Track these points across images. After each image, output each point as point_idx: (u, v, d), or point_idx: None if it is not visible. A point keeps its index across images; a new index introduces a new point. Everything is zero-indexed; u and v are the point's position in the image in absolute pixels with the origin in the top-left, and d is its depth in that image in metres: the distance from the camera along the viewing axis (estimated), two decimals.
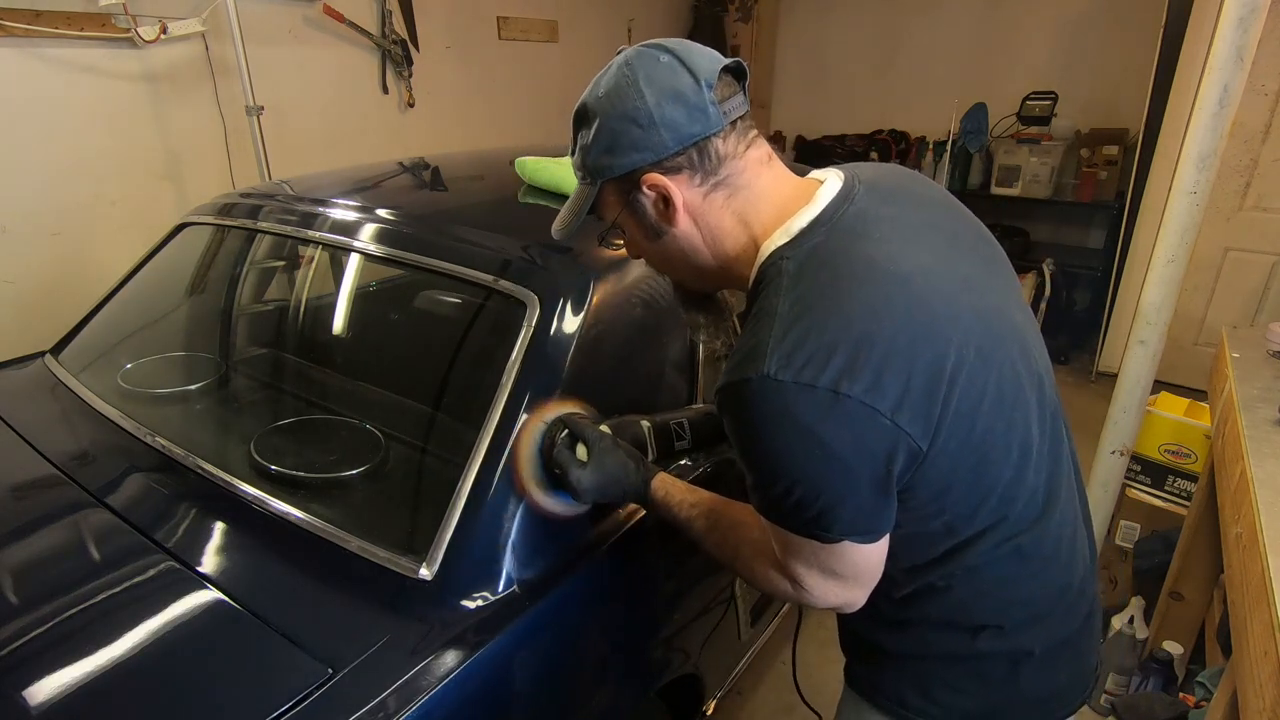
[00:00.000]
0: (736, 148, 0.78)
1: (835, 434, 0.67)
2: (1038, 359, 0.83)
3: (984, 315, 0.75)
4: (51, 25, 2.19)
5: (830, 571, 0.78)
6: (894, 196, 0.81)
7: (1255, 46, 1.58)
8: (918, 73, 4.56)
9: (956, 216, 0.87)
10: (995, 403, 0.74)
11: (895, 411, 0.67)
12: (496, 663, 0.93)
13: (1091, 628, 0.92)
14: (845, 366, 0.66)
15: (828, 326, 0.68)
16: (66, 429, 1.41)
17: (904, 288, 0.71)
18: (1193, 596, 1.79)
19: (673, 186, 0.77)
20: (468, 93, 3.69)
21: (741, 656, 1.60)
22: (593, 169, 0.80)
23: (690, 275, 0.87)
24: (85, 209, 2.41)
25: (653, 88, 0.74)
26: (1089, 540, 0.92)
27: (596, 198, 0.82)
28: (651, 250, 0.85)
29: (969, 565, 0.80)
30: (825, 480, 0.70)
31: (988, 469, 0.76)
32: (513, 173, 1.60)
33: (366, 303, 1.90)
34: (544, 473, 1.02)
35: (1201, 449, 2.02)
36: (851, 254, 0.73)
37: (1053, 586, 0.85)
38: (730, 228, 0.80)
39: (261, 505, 1.14)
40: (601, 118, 0.78)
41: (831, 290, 0.71)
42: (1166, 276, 1.79)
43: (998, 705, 0.88)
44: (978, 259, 0.83)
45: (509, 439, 1.04)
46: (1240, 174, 3.21)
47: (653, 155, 0.75)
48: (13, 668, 0.89)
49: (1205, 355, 3.31)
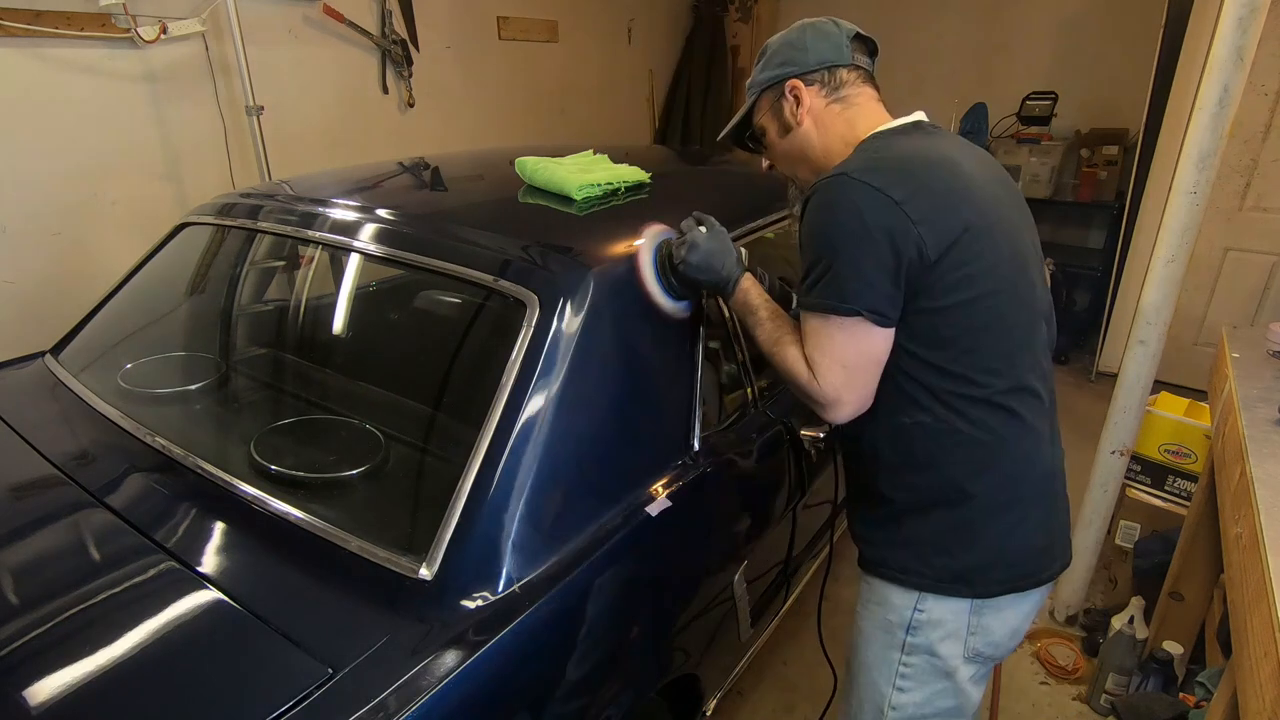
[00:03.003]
0: (856, 82, 1.11)
1: (873, 218, 0.93)
2: (1037, 282, 1.07)
3: (1005, 218, 1.03)
4: (51, 25, 2.19)
5: (840, 359, 0.99)
6: (966, 144, 1.11)
7: (1255, 46, 1.58)
8: (918, 72, 4.56)
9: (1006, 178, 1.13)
10: (995, 272, 0.98)
11: (920, 223, 0.93)
12: (496, 663, 0.93)
13: (1055, 489, 1.12)
14: (896, 181, 0.95)
15: (896, 160, 0.99)
16: (66, 429, 1.41)
17: (955, 165, 1.01)
18: (1193, 596, 1.79)
19: (805, 91, 1.10)
20: (468, 93, 3.69)
21: (741, 656, 1.60)
22: (757, 83, 1.16)
23: (805, 169, 1.16)
24: (85, 209, 2.41)
25: (811, 30, 1.12)
26: (1055, 435, 1.12)
27: (754, 106, 1.17)
28: (780, 146, 1.16)
29: (948, 400, 1.00)
30: (854, 252, 0.94)
31: (976, 314, 0.97)
32: (513, 173, 1.60)
33: (366, 303, 1.90)
34: (659, 275, 1.25)
35: (1201, 449, 2.02)
36: (912, 141, 1.05)
37: (1017, 444, 1.04)
38: (842, 130, 1.10)
39: (261, 505, 1.14)
40: (773, 48, 1.15)
41: (899, 149, 1.02)
42: (1166, 276, 1.79)
43: (980, 563, 1.06)
44: (1013, 202, 1.09)
45: (509, 438, 1.04)
46: (1240, 174, 3.21)
47: (798, 68, 1.11)
48: (13, 668, 0.89)
49: (1205, 355, 3.31)
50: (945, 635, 1.10)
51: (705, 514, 1.34)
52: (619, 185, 1.54)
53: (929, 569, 1.08)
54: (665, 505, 1.21)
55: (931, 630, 1.10)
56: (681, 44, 5.07)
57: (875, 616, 1.16)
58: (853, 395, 1.00)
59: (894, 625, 1.12)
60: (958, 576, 1.07)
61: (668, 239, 1.28)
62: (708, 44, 4.96)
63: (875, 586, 1.15)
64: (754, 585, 1.51)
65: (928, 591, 1.09)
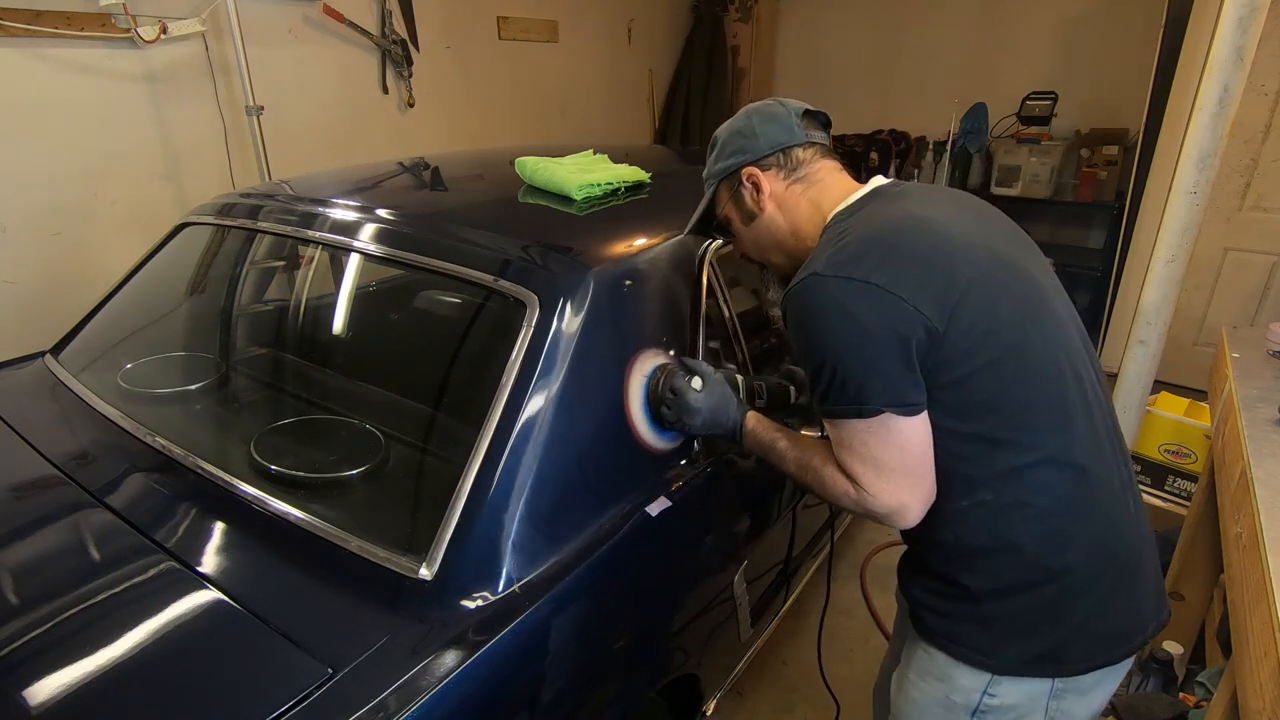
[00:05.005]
0: (813, 158, 1.07)
1: (867, 313, 0.86)
2: (1060, 309, 0.97)
3: (1001, 259, 0.93)
4: (51, 25, 2.18)
5: (880, 464, 0.90)
6: (934, 190, 1.08)
7: (1255, 46, 1.58)
8: (918, 73, 4.56)
9: (987, 208, 1.07)
10: (1011, 319, 0.89)
11: (915, 298, 0.85)
12: (496, 663, 0.92)
13: (1144, 560, 0.98)
14: (875, 265, 0.87)
15: (863, 240, 0.91)
16: (66, 429, 1.41)
17: (927, 223, 0.93)
18: (1193, 596, 1.79)
19: (763, 176, 1.07)
20: (468, 93, 3.69)
21: (741, 656, 1.60)
22: (713, 174, 1.13)
23: (776, 254, 1.12)
24: (85, 209, 2.41)
25: (757, 115, 1.09)
26: (1129, 477, 0.99)
27: (714, 197, 1.15)
28: (747, 234, 1.13)
29: (1004, 470, 0.90)
30: (861, 353, 0.87)
31: (1003, 369, 0.88)
32: (513, 173, 1.60)
33: (366, 303, 1.90)
34: (649, 413, 1.20)
35: (1201, 449, 2.02)
36: (888, 208, 0.98)
37: (1091, 503, 0.92)
38: (806, 211, 1.06)
39: (261, 505, 1.14)
40: (722, 138, 1.12)
41: (868, 223, 0.95)
42: (1166, 276, 1.79)
43: (1066, 640, 0.94)
44: (1005, 235, 1.02)
45: (509, 438, 1.04)
46: (1240, 174, 3.21)
47: (750, 155, 1.07)
48: (13, 668, 0.89)
49: (1205, 355, 3.31)
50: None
51: (705, 514, 1.34)
52: (619, 185, 1.54)
53: (1010, 649, 0.95)
54: (665, 505, 1.21)
55: (1001, 715, 0.98)
56: (681, 44, 5.06)
57: (934, 692, 1.02)
58: (913, 496, 0.90)
59: (957, 706, 1.00)
60: (1042, 656, 0.94)
61: (661, 368, 1.21)
62: (708, 44, 4.96)
63: (937, 659, 1.01)
64: (754, 585, 1.51)
65: (1004, 675, 0.96)
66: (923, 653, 1.03)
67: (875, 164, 4.50)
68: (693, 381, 1.16)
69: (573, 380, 1.10)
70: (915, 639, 1.06)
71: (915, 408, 0.88)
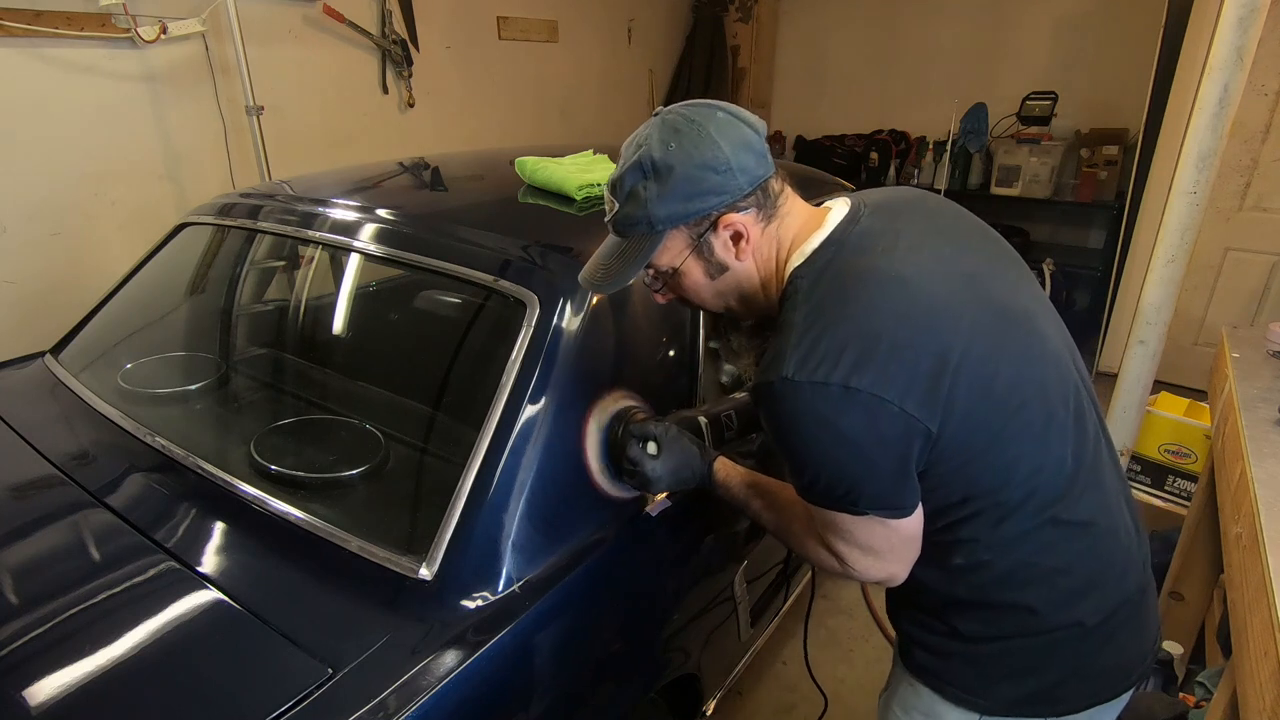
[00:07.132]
0: (782, 188, 0.88)
1: (850, 424, 0.75)
2: (1053, 337, 0.88)
3: (990, 303, 0.82)
4: (51, 25, 2.18)
5: (866, 547, 0.85)
6: (900, 213, 0.89)
7: (1255, 46, 1.58)
8: (918, 73, 4.55)
9: (962, 221, 0.93)
10: (1008, 384, 0.80)
11: (903, 399, 0.74)
12: (496, 663, 0.93)
13: (1146, 601, 0.94)
14: (854, 363, 0.74)
15: (836, 330, 0.76)
16: (66, 429, 1.41)
17: (903, 287, 0.78)
18: (1193, 596, 1.79)
19: (746, 223, 0.85)
20: (468, 93, 3.69)
21: (741, 656, 1.60)
22: (665, 218, 0.84)
23: (740, 307, 0.94)
24: (85, 209, 2.41)
25: (726, 139, 0.82)
26: (1130, 512, 0.94)
27: (652, 246, 0.86)
28: (706, 288, 0.91)
29: (1009, 537, 0.84)
30: (846, 465, 0.78)
31: (1006, 445, 0.80)
32: (513, 173, 1.60)
33: (366, 303, 1.90)
34: (609, 462, 1.12)
35: (1201, 449, 2.02)
36: (856, 266, 0.81)
37: (1097, 556, 0.87)
38: (768, 253, 0.88)
39: (261, 505, 1.14)
40: (680, 167, 0.82)
41: (839, 298, 0.79)
42: (1166, 276, 1.79)
43: (1061, 680, 0.89)
44: (984, 256, 0.90)
45: (509, 438, 1.04)
46: (1240, 174, 3.21)
47: (729, 195, 0.83)
48: (13, 668, 0.89)
49: (1205, 355, 3.31)
50: None
51: (705, 514, 1.34)
52: None
53: (1003, 689, 0.90)
54: (665, 505, 1.22)
55: None
56: (681, 44, 5.07)
57: None
58: (901, 567, 0.86)
59: None
60: (1036, 696, 0.89)
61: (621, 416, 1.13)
62: (708, 44, 4.96)
63: (923, 695, 0.96)
64: (754, 585, 1.51)
65: (994, 716, 0.92)
66: (908, 686, 0.99)
67: (875, 164, 4.51)
68: (648, 447, 1.08)
69: (573, 380, 1.10)
70: (902, 671, 1.00)
71: (908, 510, 0.81)
